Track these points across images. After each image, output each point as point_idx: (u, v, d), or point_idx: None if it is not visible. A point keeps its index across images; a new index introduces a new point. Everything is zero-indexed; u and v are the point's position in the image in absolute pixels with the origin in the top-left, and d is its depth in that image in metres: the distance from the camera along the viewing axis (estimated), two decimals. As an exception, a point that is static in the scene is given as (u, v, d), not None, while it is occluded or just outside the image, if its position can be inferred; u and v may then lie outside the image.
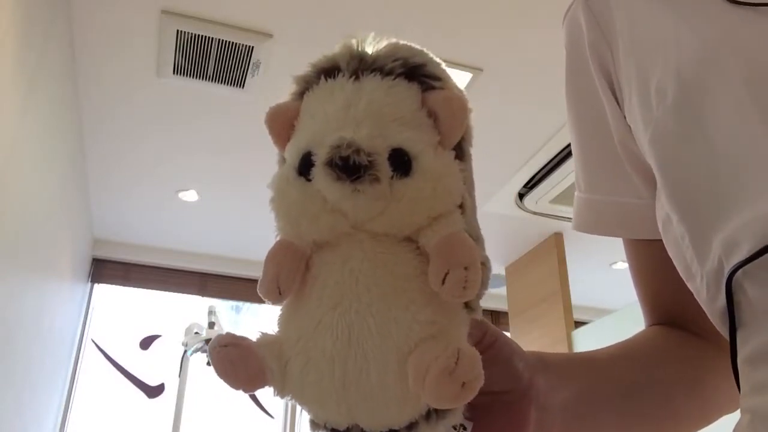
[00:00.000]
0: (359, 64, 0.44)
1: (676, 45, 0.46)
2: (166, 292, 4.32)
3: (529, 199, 3.51)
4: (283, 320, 0.43)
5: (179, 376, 3.46)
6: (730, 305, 0.41)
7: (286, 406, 4.20)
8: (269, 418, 4.30)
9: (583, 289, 4.14)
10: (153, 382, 4.16)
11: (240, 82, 2.67)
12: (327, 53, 0.45)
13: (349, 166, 0.38)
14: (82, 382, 3.97)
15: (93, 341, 4.13)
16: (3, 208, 1.98)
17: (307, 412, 0.42)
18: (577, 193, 0.61)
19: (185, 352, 3.46)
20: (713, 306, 0.44)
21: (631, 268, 0.62)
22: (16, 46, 1.85)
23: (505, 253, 4.16)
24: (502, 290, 4.32)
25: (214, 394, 3.96)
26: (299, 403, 0.42)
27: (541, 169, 3.27)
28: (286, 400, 0.42)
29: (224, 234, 4.06)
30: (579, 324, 3.75)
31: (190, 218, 3.88)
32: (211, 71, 2.61)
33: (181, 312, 4.26)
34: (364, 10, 2.31)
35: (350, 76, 0.43)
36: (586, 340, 3.52)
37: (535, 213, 3.63)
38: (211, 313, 3.54)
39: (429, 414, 0.40)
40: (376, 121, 0.41)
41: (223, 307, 4.39)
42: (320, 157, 0.40)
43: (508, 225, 3.76)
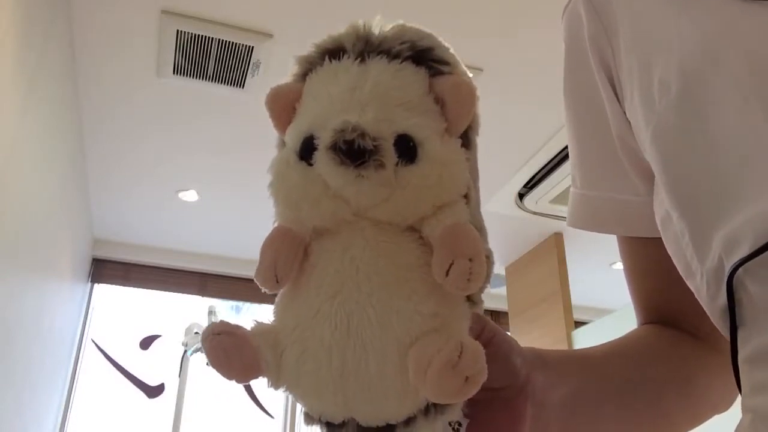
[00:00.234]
0: (365, 46, 0.42)
1: (678, 38, 0.45)
2: (166, 292, 4.31)
3: (529, 199, 3.51)
4: (279, 309, 0.42)
5: (179, 376, 3.45)
6: (731, 303, 0.40)
7: (286, 406, 4.20)
8: (269, 418, 4.29)
9: (583, 289, 4.13)
10: (153, 382, 4.15)
11: (240, 82, 2.67)
12: (332, 34, 0.43)
13: (354, 151, 0.37)
14: (82, 382, 3.96)
15: (93, 341, 4.13)
16: (3, 208, 1.98)
17: (302, 404, 0.41)
18: (572, 189, 0.60)
19: (185, 352, 3.47)
20: (713, 304, 0.43)
21: (625, 266, 0.61)
22: (16, 46, 1.85)
23: (505, 253, 4.15)
24: (502, 290, 4.31)
25: (214, 394, 3.96)
26: (294, 394, 0.40)
27: (541, 169, 3.26)
28: (285, 398, 0.41)
29: (224, 234, 4.06)
30: (579, 324, 3.74)
31: (190, 218, 3.88)
32: (211, 71, 2.61)
33: (181, 312, 4.25)
34: (364, 10, 2.29)
35: (356, 58, 0.42)
36: (586, 340, 3.51)
37: (535, 213, 3.63)
38: (211, 313, 3.54)
39: (428, 409, 0.39)
40: (382, 105, 0.40)
41: (223, 307, 4.39)
42: (323, 140, 0.38)
43: (508, 225, 3.75)
